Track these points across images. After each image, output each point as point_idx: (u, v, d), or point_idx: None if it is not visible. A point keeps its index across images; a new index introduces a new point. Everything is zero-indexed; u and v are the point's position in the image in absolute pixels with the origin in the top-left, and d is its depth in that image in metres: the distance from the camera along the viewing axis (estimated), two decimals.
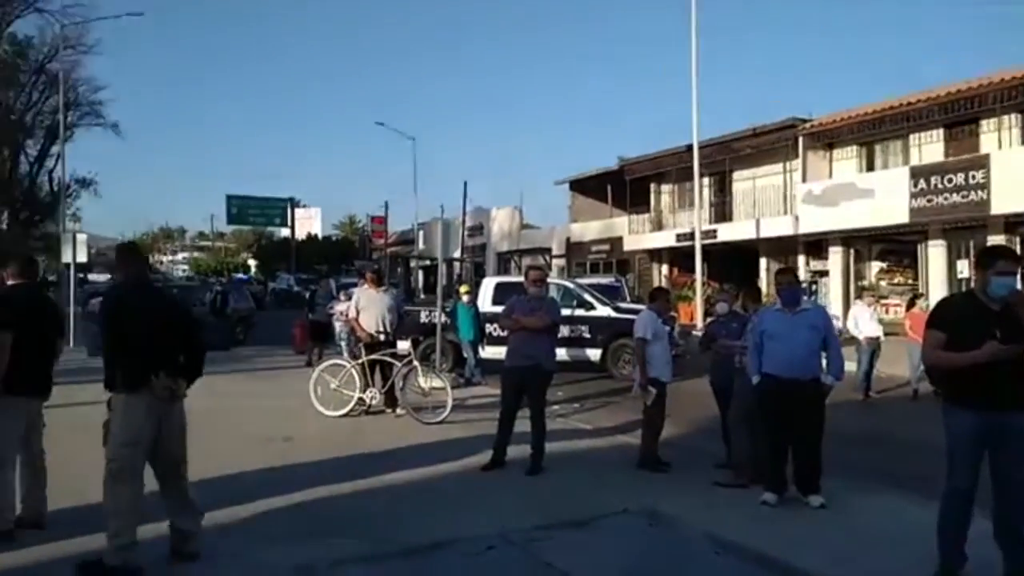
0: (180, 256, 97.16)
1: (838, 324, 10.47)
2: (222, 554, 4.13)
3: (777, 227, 21.37)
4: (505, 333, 6.73)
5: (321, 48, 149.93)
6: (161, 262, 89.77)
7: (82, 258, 17.08)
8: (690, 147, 21.23)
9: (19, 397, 4.27)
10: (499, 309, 8.08)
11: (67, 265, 17.11)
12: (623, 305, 13.63)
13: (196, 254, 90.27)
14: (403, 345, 8.65)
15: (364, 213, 57.36)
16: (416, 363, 8.51)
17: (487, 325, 11.63)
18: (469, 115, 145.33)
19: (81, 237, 17.24)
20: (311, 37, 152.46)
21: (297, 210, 55.19)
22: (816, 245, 21.76)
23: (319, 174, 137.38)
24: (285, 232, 56.38)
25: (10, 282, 4.53)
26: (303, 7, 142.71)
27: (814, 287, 21.13)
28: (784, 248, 22.26)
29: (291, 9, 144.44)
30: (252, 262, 68.75)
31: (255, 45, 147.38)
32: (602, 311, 12.60)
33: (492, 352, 11.24)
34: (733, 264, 22.37)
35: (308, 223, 66.15)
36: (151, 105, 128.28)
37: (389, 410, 8.56)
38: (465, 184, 45.25)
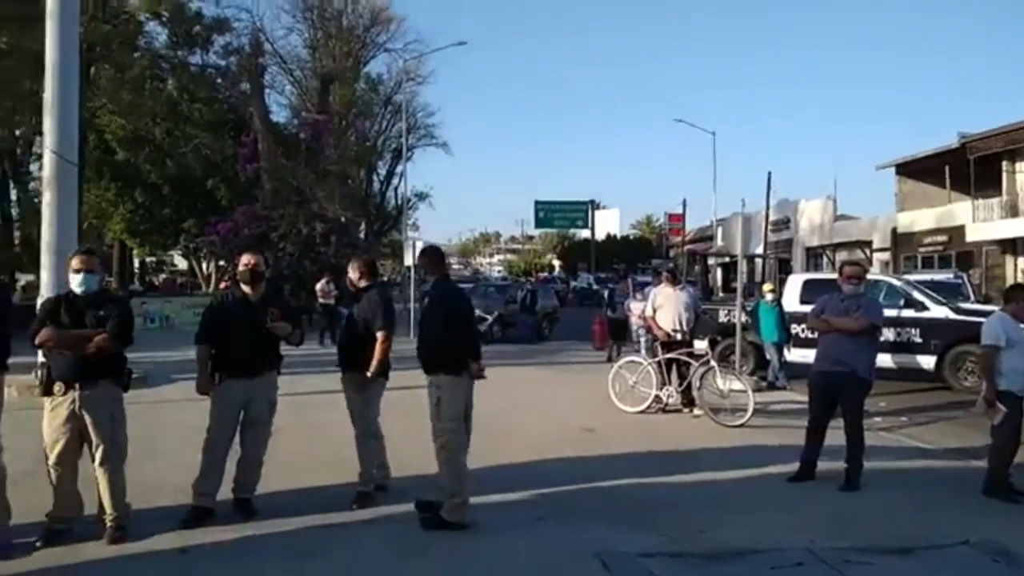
0: (495, 259, 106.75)
1: None
2: (526, 531, 4.49)
3: None
4: (814, 335, 6.23)
5: (618, 55, 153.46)
6: (480, 264, 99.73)
7: None
8: None
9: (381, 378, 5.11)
10: (807, 308, 7.51)
11: (408, 267, 19.93)
12: (965, 306, 11.72)
13: (509, 256, 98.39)
14: (700, 345, 8.50)
15: (661, 211, 57.32)
16: (714, 363, 8.30)
17: (793, 326, 10.88)
18: (773, 104, 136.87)
19: (419, 244, 20.01)
20: (610, 44, 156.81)
21: (597, 211, 57.20)
22: None
23: (618, 176, 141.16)
24: (586, 233, 58.76)
25: (362, 283, 5.38)
26: (597, 14, 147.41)
27: None
28: None
29: (584, 18, 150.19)
30: (556, 262, 72.84)
31: (557, 59, 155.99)
32: (937, 312, 10.96)
33: (799, 355, 10.48)
34: None
35: (607, 223, 68.05)
36: (472, 124, 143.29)
37: (686, 410, 8.48)
38: (769, 175, 42.66)
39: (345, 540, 4.30)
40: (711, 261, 42.99)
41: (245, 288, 4.74)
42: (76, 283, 4.21)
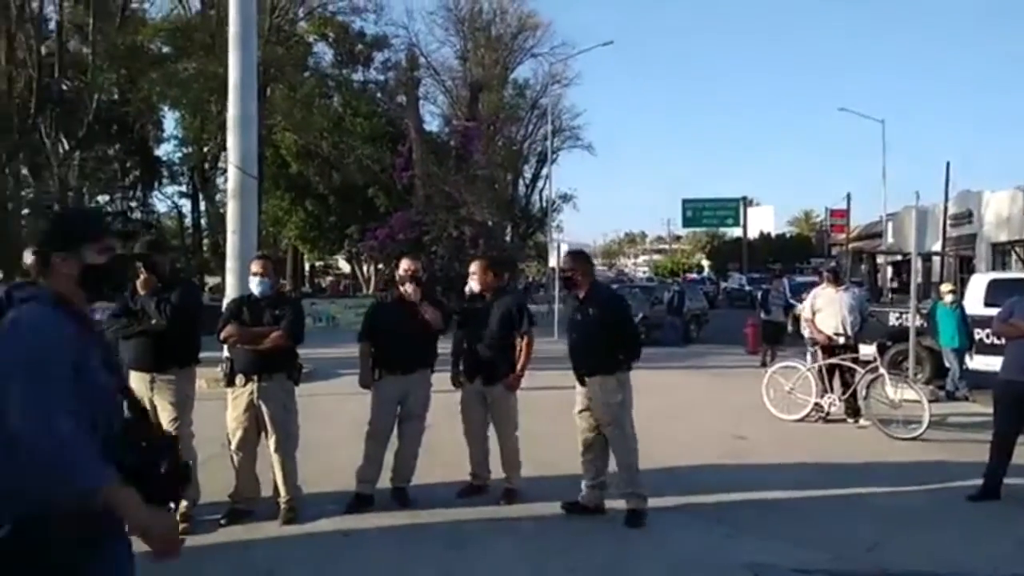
0: (640, 259, 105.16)
1: None
2: (673, 538, 4.39)
3: None
4: (1001, 341, 5.59)
5: (771, 45, 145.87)
6: (625, 265, 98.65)
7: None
8: None
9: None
10: (993, 311, 6.75)
11: (552, 269, 20.14)
12: None
13: (655, 256, 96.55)
14: (867, 350, 7.88)
15: (822, 207, 53.73)
16: (883, 371, 7.67)
17: (976, 330, 9.81)
18: (949, 87, 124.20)
19: (563, 246, 20.13)
20: (763, 34, 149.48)
21: (749, 208, 54.69)
22: None
23: (772, 171, 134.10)
24: (737, 232, 56.38)
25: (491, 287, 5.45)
26: (748, 3, 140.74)
27: None
28: None
29: (734, 8, 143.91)
30: (705, 262, 70.51)
31: (705, 52, 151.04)
32: None
33: (983, 363, 9.44)
34: None
35: (761, 221, 64.90)
36: (616, 124, 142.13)
37: (850, 420, 7.90)
38: (947, 165, 38.63)
39: (494, 534, 4.42)
40: (879, 260, 39.70)
41: (403, 290, 5.01)
42: (254, 286, 4.66)
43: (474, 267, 5.25)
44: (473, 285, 5.28)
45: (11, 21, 23.44)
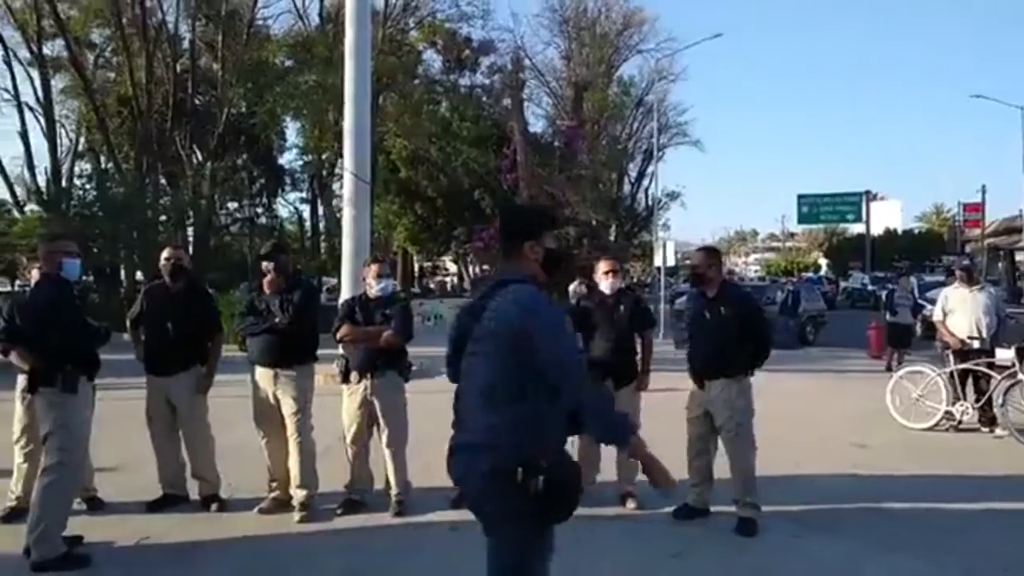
0: (752, 258, 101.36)
1: None
2: (785, 547, 4.22)
3: None
4: None
5: (890, 28, 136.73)
6: (735, 264, 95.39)
7: (671, 262, 19.52)
8: None
9: None
10: None
11: (658, 268, 19.78)
12: None
13: (767, 255, 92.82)
14: (1004, 354, 7.26)
15: (954, 201, 49.90)
16: (1022, 376, 7.04)
17: None
18: None
19: (670, 244, 19.74)
20: (876, 19, 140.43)
21: (873, 203, 51.49)
22: None
23: (898, 163, 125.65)
24: (859, 228, 53.22)
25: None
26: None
27: None
28: None
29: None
30: (823, 261, 67.07)
31: (820, 42, 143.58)
32: None
33: None
34: None
35: (885, 216, 60.99)
36: (726, 118, 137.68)
37: (985, 429, 7.30)
38: None
39: (605, 536, 4.42)
40: (1019, 257, 36.43)
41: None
42: (373, 287, 4.87)
43: (605, 266, 5.03)
44: (605, 286, 5.05)
45: (150, 42, 25.57)
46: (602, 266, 5.04)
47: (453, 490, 4.88)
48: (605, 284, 5.01)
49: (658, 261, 19.34)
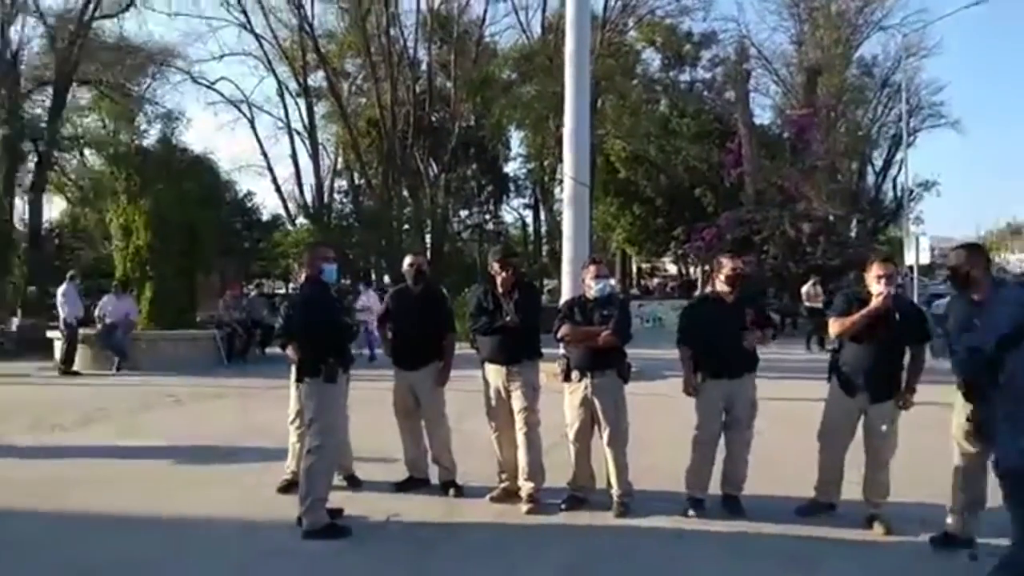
0: None
1: None
2: None
3: None
4: None
5: None
6: (1007, 261, 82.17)
7: (924, 260, 17.38)
8: None
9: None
10: None
11: (910, 267, 17.69)
12: None
13: None
14: None
15: None
16: None
17: None
18: None
19: (923, 240, 17.57)
20: None
21: None
22: None
23: None
24: None
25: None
26: None
27: None
28: None
29: None
30: None
31: None
32: None
33: None
34: None
35: None
36: (992, 95, 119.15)
37: None
38: None
39: (839, 558, 4.09)
40: None
41: (722, 290, 4.89)
42: (592, 288, 4.95)
43: (879, 269, 4.47)
44: (878, 290, 4.44)
45: (394, 67, 28.31)
46: (876, 269, 4.48)
47: (674, 494, 4.83)
48: (878, 288, 4.46)
49: (910, 259, 17.27)
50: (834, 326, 4.63)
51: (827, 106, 30.45)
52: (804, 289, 16.15)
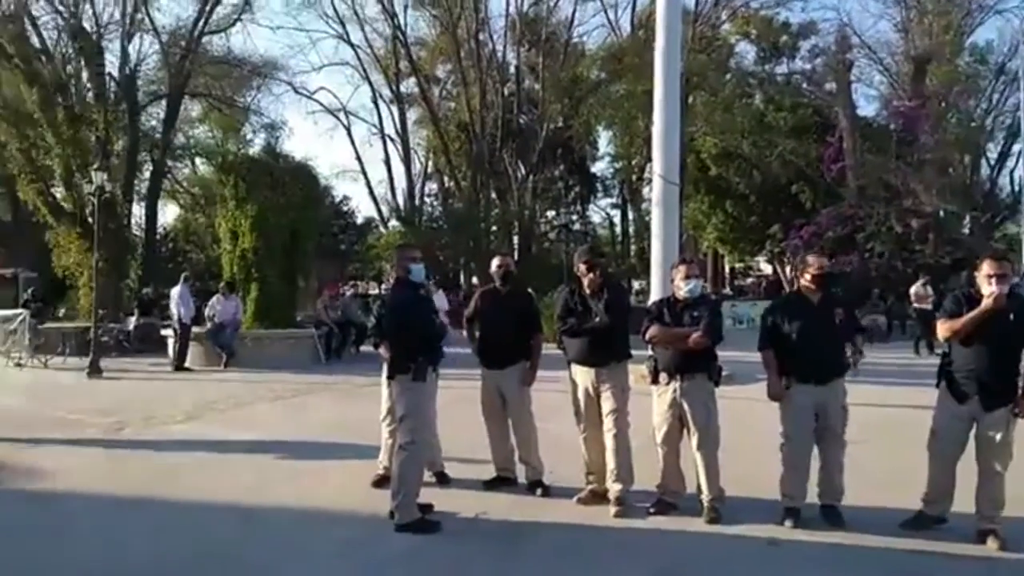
0: None
1: None
2: None
3: None
4: None
5: None
6: None
7: None
8: None
9: None
10: None
11: None
12: None
13: None
14: None
15: None
16: None
17: None
18: None
19: None
20: None
21: None
22: None
23: None
24: None
25: None
26: None
27: None
28: None
29: None
30: None
31: None
32: None
33: None
34: None
35: None
36: None
37: None
38: None
39: (943, 570, 3.84)
40: None
41: (808, 288, 4.70)
42: (682, 288, 4.85)
43: (991, 268, 4.17)
44: (994, 288, 4.13)
45: (483, 71, 28.70)
46: (987, 267, 4.19)
47: (767, 502, 4.66)
48: (989, 288, 4.16)
49: None
50: (943, 328, 4.36)
51: (937, 96, 28.64)
52: (913, 289, 15.24)
